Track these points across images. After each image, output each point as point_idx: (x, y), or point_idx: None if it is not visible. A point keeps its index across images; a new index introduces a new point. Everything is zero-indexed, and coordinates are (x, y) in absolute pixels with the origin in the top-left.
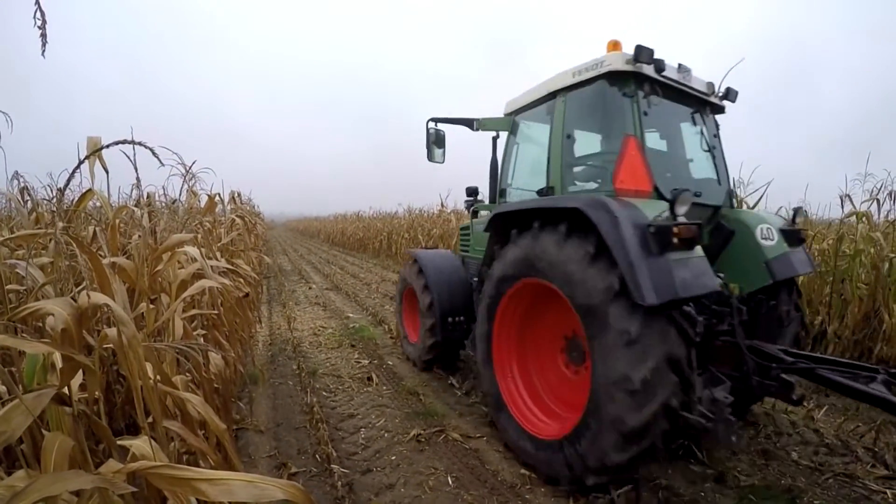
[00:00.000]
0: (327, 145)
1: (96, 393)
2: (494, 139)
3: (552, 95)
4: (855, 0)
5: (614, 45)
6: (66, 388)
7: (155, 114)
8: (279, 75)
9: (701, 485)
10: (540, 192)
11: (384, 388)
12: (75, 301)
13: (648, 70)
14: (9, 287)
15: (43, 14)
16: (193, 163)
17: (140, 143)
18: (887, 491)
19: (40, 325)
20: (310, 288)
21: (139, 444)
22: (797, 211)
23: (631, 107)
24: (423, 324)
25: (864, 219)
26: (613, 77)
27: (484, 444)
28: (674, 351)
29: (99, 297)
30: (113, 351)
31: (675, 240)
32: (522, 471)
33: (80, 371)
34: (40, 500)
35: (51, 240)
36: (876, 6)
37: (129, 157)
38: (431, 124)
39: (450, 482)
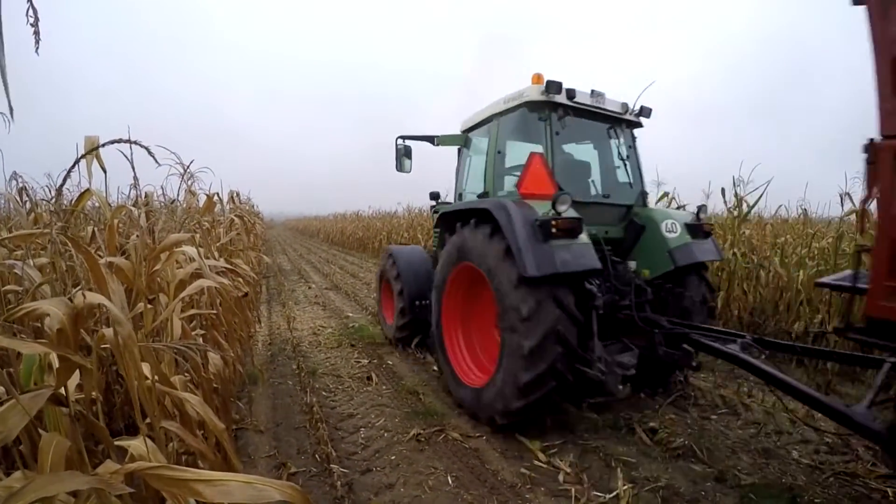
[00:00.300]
0: (327, 144)
1: (94, 393)
2: (460, 150)
3: (490, 118)
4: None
5: (537, 79)
6: (62, 388)
7: (153, 113)
8: (279, 75)
9: (702, 484)
10: (480, 196)
11: (384, 387)
12: (71, 301)
13: (560, 98)
14: (7, 287)
15: (35, 11)
16: (191, 162)
17: (136, 143)
18: (888, 490)
19: (39, 325)
20: (309, 287)
21: (137, 444)
22: (700, 208)
23: (544, 128)
24: (396, 307)
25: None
26: (532, 105)
27: (484, 443)
28: (559, 327)
29: (94, 297)
30: (111, 351)
31: (555, 230)
32: (522, 470)
33: (77, 371)
34: (37, 501)
35: (49, 240)
36: None
37: (126, 157)
38: (400, 141)
39: (450, 482)
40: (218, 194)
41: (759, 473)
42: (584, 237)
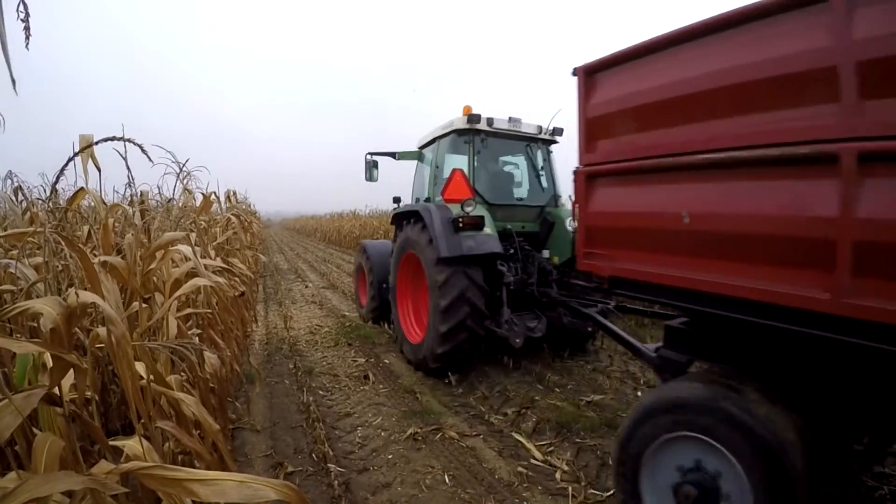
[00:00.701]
0: (325, 145)
1: (90, 393)
2: (417, 164)
3: (433, 140)
4: None
5: (466, 110)
6: (56, 388)
7: (151, 111)
8: (279, 75)
9: None
10: (425, 201)
11: (381, 386)
12: (65, 300)
13: (481, 125)
14: (2, 287)
15: (26, 7)
16: (187, 160)
17: (129, 140)
18: (884, 487)
19: (35, 325)
20: (306, 286)
21: (132, 444)
22: None
23: (468, 149)
24: (368, 291)
25: None
26: (459, 132)
27: (480, 442)
28: (467, 293)
29: (87, 296)
30: (107, 350)
31: (462, 224)
32: (519, 468)
33: (72, 371)
34: (30, 501)
35: (43, 239)
36: None
37: (121, 155)
38: (369, 156)
39: (447, 480)
40: (215, 193)
41: None
42: (487, 229)
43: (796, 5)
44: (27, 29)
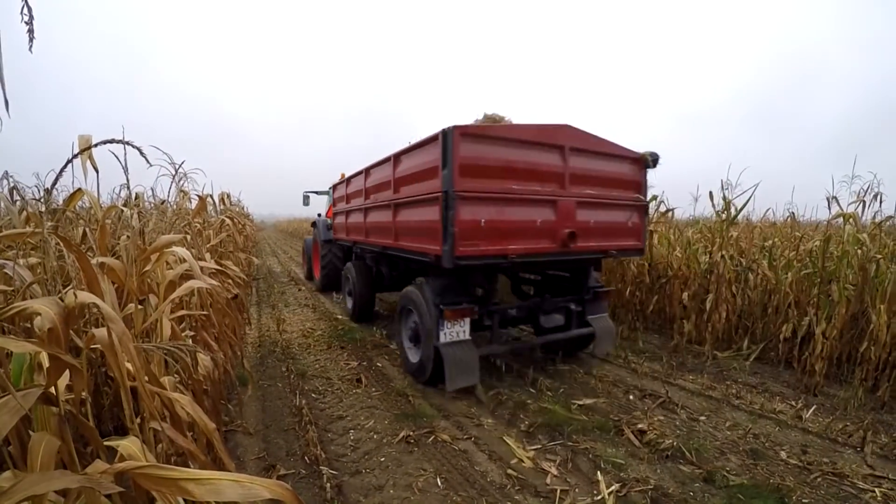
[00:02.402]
0: (323, 146)
1: (83, 393)
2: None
3: (333, 188)
4: (850, 13)
5: (342, 176)
6: (52, 387)
7: (150, 109)
8: (278, 76)
9: (690, 485)
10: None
11: (373, 389)
12: (62, 300)
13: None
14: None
15: (30, 9)
16: (182, 162)
17: (128, 143)
18: (875, 490)
19: (28, 325)
20: (299, 289)
21: (126, 444)
22: None
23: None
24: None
25: (850, 220)
26: (334, 188)
27: (472, 445)
28: (331, 258)
29: (86, 297)
30: (101, 352)
31: (329, 227)
32: (511, 471)
33: (67, 371)
34: (26, 500)
35: (41, 239)
36: (871, 17)
37: (117, 157)
38: (306, 193)
39: (439, 483)
40: (210, 195)
41: (747, 474)
42: None
43: (429, 141)
44: (31, 32)
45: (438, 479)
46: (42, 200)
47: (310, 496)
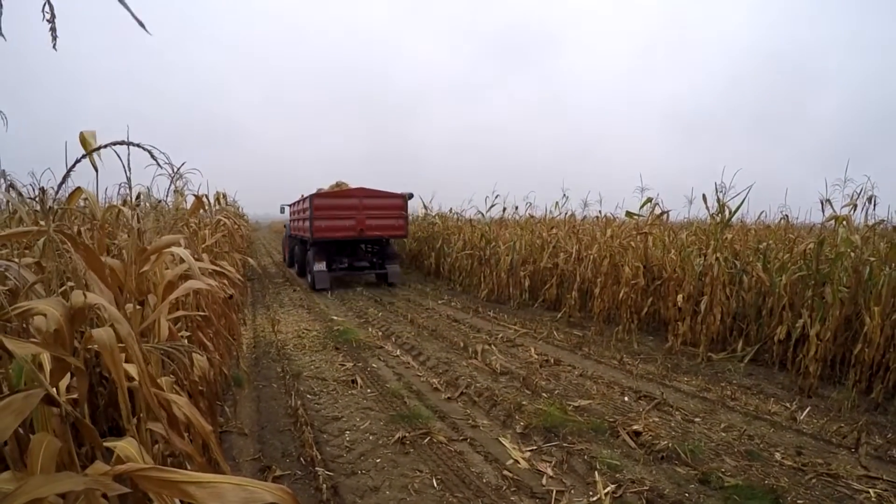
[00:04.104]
0: (321, 146)
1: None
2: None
3: (290, 205)
4: (850, 17)
5: (301, 196)
6: (54, 388)
7: (147, 107)
8: (278, 74)
9: (686, 486)
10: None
11: (368, 390)
12: (67, 301)
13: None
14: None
15: (52, 8)
16: (182, 164)
17: (137, 145)
18: (870, 490)
19: (26, 325)
20: (294, 290)
21: (124, 445)
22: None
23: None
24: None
25: (844, 223)
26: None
27: (468, 446)
28: (291, 245)
29: (93, 297)
30: (96, 352)
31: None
32: (506, 472)
33: (69, 372)
34: (30, 502)
35: (40, 238)
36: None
37: (119, 157)
38: (282, 205)
39: (434, 485)
40: (206, 195)
41: (742, 475)
42: None
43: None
44: (53, 30)
45: (434, 481)
46: (37, 199)
47: (305, 498)
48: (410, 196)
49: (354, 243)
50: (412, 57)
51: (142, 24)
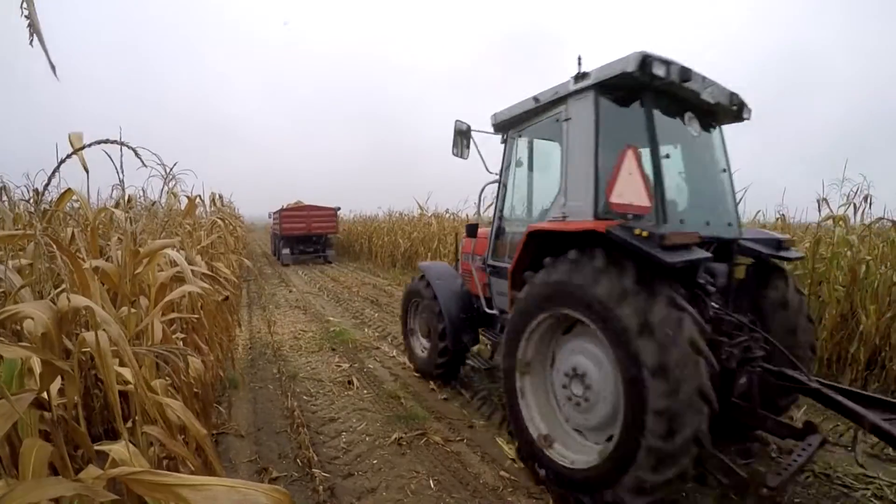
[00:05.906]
0: (320, 148)
1: (75, 398)
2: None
3: (276, 212)
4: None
5: (284, 205)
6: (45, 392)
7: (146, 106)
8: (278, 74)
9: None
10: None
11: (365, 391)
12: (55, 304)
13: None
14: None
15: (31, 3)
16: (174, 164)
17: (123, 144)
18: (867, 489)
19: (17, 328)
20: (290, 291)
21: (118, 449)
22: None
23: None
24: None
25: (840, 222)
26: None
27: (465, 447)
28: (275, 241)
29: (79, 300)
30: (91, 356)
31: None
32: (503, 473)
33: (59, 376)
34: None
35: (29, 241)
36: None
37: (111, 158)
38: (270, 212)
39: (431, 485)
40: (200, 196)
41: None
42: None
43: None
44: (31, 26)
45: (431, 481)
46: (31, 201)
47: (302, 499)
48: (338, 209)
49: (307, 237)
50: (411, 62)
51: (53, 68)
